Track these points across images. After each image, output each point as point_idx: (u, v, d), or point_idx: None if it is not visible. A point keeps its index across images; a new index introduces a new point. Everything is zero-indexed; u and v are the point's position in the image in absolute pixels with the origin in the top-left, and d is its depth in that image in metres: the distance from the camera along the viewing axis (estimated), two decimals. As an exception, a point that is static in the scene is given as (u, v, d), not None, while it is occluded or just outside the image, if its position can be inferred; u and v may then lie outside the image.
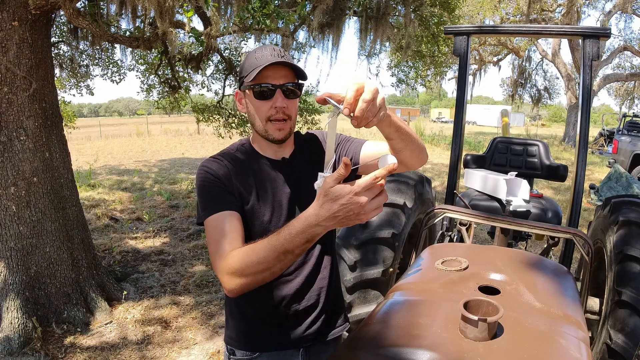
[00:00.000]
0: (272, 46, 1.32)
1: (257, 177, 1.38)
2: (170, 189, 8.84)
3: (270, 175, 1.39)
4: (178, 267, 4.79)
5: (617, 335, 1.90)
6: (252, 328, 1.43)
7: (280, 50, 1.31)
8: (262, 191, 1.37)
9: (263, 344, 1.42)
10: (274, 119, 1.31)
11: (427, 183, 3.21)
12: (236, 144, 1.47)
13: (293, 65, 1.29)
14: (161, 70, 7.22)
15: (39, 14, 3.26)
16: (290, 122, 1.34)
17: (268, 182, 1.38)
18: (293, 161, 1.44)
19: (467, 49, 2.97)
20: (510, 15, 18.06)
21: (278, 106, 1.29)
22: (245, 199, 1.34)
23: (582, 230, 2.21)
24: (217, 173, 1.33)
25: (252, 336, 1.43)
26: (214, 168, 1.34)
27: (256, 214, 1.35)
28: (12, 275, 3.30)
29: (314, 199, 0.99)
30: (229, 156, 1.39)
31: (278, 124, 1.31)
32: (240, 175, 1.36)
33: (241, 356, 1.43)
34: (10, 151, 3.24)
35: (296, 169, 1.43)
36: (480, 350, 1.05)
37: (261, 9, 4.54)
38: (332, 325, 1.52)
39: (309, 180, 1.29)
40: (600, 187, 8.03)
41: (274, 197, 1.38)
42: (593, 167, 12.98)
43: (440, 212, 2.42)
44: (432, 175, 10.68)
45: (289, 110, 1.31)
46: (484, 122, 47.95)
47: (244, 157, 1.41)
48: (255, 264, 1.06)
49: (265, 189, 1.37)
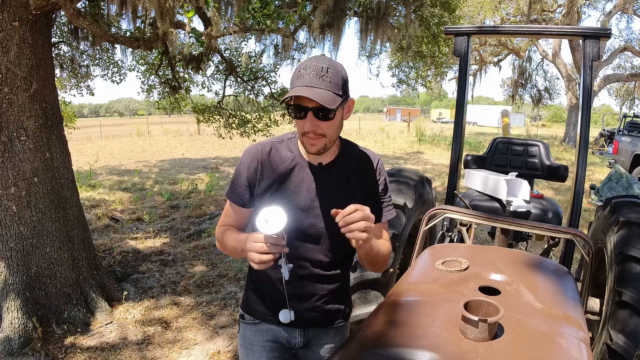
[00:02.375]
0: (318, 63, 1.34)
1: (288, 174, 1.49)
2: (170, 189, 8.85)
3: (301, 175, 1.49)
4: (178, 267, 4.79)
5: (617, 336, 1.90)
6: (258, 299, 1.60)
7: (321, 69, 1.33)
8: (286, 187, 1.49)
9: (265, 314, 1.58)
10: (308, 136, 1.39)
11: (428, 183, 3.21)
12: (286, 135, 1.58)
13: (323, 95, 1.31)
14: (162, 71, 7.22)
15: (39, 15, 3.27)
16: (325, 139, 1.40)
17: (295, 181, 1.49)
18: (327, 170, 1.51)
19: (467, 49, 2.97)
20: (510, 16, 18.06)
21: (307, 129, 1.36)
22: (268, 192, 1.49)
23: (583, 231, 2.21)
24: (248, 165, 1.51)
25: (257, 306, 1.61)
26: (249, 159, 1.51)
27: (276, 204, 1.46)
28: (13, 275, 3.30)
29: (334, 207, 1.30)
30: (274, 146, 1.53)
31: (311, 140, 1.39)
32: (272, 168, 1.49)
33: (247, 320, 1.64)
34: (10, 151, 3.24)
35: (328, 177, 1.51)
36: (481, 350, 1.05)
37: (262, 9, 4.54)
38: (332, 314, 1.60)
39: (334, 192, 1.50)
40: (600, 187, 8.02)
41: (296, 196, 1.48)
42: (593, 167, 12.98)
43: (440, 213, 2.42)
44: (433, 176, 10.67)
45: (322, 130, 1.37)
46: (484, 123, 47.93)
47: (285, 151, 1.52)
48: (224, 244, 1.54)
49: (290, 187, 1.49)
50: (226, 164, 13.02)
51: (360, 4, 5.87)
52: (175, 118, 33.00)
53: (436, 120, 54.91)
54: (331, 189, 1.49)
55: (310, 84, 1.31)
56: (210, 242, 5.54)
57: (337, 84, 1.35)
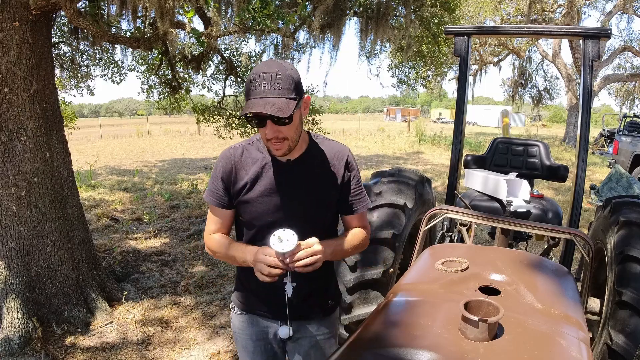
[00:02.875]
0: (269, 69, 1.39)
1: (260, 173, 1.56)
2: (170, 189, 8.85)
3: (272, 173, 1.56)
4: (178, 267, 4.80)
5: (617, 336, 1.89)
6: (245, 293, 1.69)
7: (270, 77, 1.37)
8: (259, 187, 1.56)
9: (252, 308, 1.68)
10: (271, 142, 1.45)
11: (428, 183, 3.21)
12: (256, 136, 1.65)
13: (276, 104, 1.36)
14: (162, 71, 7.22)
15: (39, 15, 3.27)
16: (288, 142, 1.46)
17: (268, 180, 1.55)
18: (297, 164, 1.57)
19: (467, 49, 2.97)
20: (510, 16, 18.06)
21: (268, 137, 1.43)
22: (243, 191, 1.56)
23: (583, 231, 2.21)
24: (223, 168, 1.58)
25: (244, 299, 1.70)
26: (223, 162, 1.59)
27: (252, 205, 1.57)
28: (13, 275, 3.30)
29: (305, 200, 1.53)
30: (245, 148, 1.61)
31: (275, 145, 1.45)
32: (245, 169, 1.57)
33: (238, 312, 1.73)
34: (10, 151, 3.24)
35: (298, 172, 1.57)
36: (481, 350, 1.05)
37: (262, 9, 4.54)
38: (316, 306, 1.67)
39: (306, 185, 1.56)
40: (600, 187, 8.02)
41: (269, 194, 1.55)
42: (593, 167, 12.97)
43: (440, 213, 2.42)
44: (433, 176, 10.68)
45: (283, 134, 1.43)
46: (484, 123, 47.92)
47: (256, 152, 1.59)
48: (218, 252, 1.61)
49: (264, 185, 1.56)
50: (226, 164, 12.98)
51: (360, 4, 5.87)
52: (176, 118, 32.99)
53: (436, 121, 54.89)
54: (302, 182, 1.56)
55: (262, 95, 1.36)
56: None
57: (289, 88, 1.39)
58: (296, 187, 1.56)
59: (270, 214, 1.55)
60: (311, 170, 1.58)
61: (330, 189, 1.60)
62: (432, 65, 10.01)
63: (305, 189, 1.56)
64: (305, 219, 1.55)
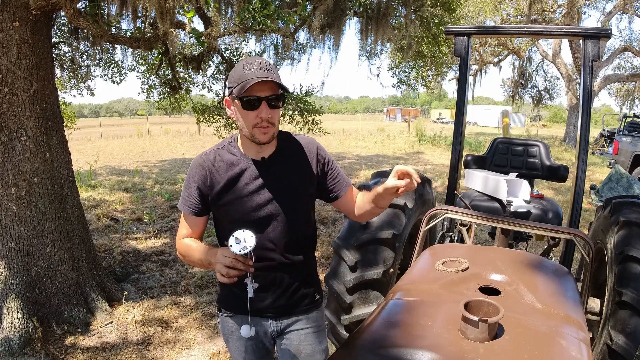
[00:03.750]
0: (258, 59, 1.47)
1: (236, 175, 1.57)
2: (170, 189, 8.85)
3: (248, 173, 1.58)
4: (178, 267, 4.79)
5: (617, 336, 1.89)
6: (228, 294, 1.70)
7: (266, 63, 1.46)
8: (238, 188, 1.57)
9: (236, 308, 1.68)
10: (260, 126, 1.48)
11: (428, 184, 3.21)
12: (226, 140, 1.68)
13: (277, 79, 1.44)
14: (162, 71, 7.22)
15: (39, 15, 3.27)
16: (274, 128, 1.51)
17: (245, 180, 1.57)
18: (272, 162, 1.60)
19: (467, 49, 2.97)
20: (510, 16, 18.05)
21: (263, 117, 1.46)
22: (221, 195, 1.57)
23: (583, 231, 2.21)
24: (197, 176, 1.59)
25: (228, 300, 1.72)
26: (196, 169, 1.60)
27: (231, 206, 1.58)
28: (13, 275, 3.30)
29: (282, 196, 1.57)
30: (217, 153, 1.62)
31: (264, 129, 1.48)
32: (220, 173, 1.57)
33: (225, 314, 1.75)
34: (11, 151, 3.24)
35: (273, 169, 1.60)
36: (481, 350, 1.05)
37: (262, 9, 4.54)
38: (300, 301, 1.69)
39: (282, 181, 1.59)
40: (600, 187, 8.02)
41: (248, 193, 1.57)
42: (594, 167, 12.97)
43: (440, 213, 2.42)
44: (433, 176, 10.68)
45: (273, 118, 1.49)
46: (484, 123, 47.92)
47: (228, 155, 1.61)
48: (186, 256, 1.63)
49: (242, 186, 1.58)
50: (226, 164, 12.99)
51: (360, 4, 5.87)
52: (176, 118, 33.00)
53: (436, 121, 54.87)
54: (279, 179, 1.59)
55: (262, 75, 1.40)
56: (211, 242, 5.53)
57: (279, 78, 1.46)
58: (274, 184, 1.58)
59: (250, 214, 1.57)
60: (286, 166, 1.61)
61: (307, 182, 1.65)
62: (432, 65, 10.01)
63: (283, 185, 1.59)
64: (286, 214, 1.59)
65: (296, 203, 1.62)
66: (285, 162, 1.62)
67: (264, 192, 1.57)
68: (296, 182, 1.62)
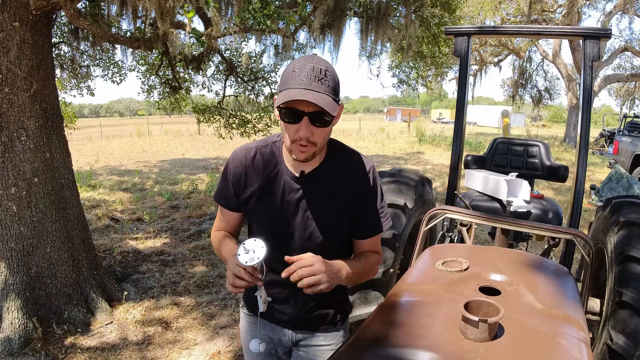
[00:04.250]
0: (313, 62, 1.24)
1: (270, 184, 1.44)
2: (170, 189, 8.85)
3: (283, 184, 1.42)
4: (178, 267, 4.80)
5: (617, 336, 1.89)
6: (250, 294, 1.56)
7: (319, 70, 1.22)
8: (267, 200, 1.44)
9: (254, 310, 1.55)
10: (299, 143, 1.28)
11: (428, 184, 3.21)
12: (272, 138, 1.50)
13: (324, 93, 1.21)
14: (162, 71, 7.22)
15: (39, 15, 3.27)
16: (315, 147, 1.30)
17: (277, 193, 1.43)
18: (310, 179, 1.42)
19: (467, 49, 2.97)
20: (510, 16, 18.05)
21: (301, 135, 1.26)
22: (251, 201, 1.46)
23: (583, 231, 2.21)
24: (234, 171, 1.48)
25: (250, 301, 1.63)
26: (234, 164, 1.48)
27: (257, 216, 1.47)
28: (13, 275, 3.30)
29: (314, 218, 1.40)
30: (259, 151, 1.47)
31: (302, 147, 1.29)
32: (256, 175, 1.45)
33: (246, 312, 1.69)
34: (11, 151, 3.24)
35: (311, 186, 1.42)
36: (481, 351, 1.05)
37: (262, 9, 4.54)
38: (318, 321, 1.58)
39: (318, 202, 1.41)
40: (600, 187, 8.02)
41: (277, 209, 1.43)
42: (594, 167, 12.97)
43: (440, 213, 2.42)
44: (433, 176, 10.67)
45: (314, 137, 1.28)
46: (484, 123, 47.95)
47: (269, 157, 1.45)
48: (216, 251, 1.58)
49: (272, 199, 1.43)
50: (226, 164, 12.99)
51: (360, 4, 5.87)
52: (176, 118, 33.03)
53: (436, 121, 54.89)
54: (315, 198, 1.42)
55: (309, 87, 1.20)
56: (211, 242, 5.54)
57: (335, 88, 1.25)
58: (309, 202, 1.42)
59: (276, 228, 1.44)
60: (324, 188, 1.42)
61: (344, 210, 1.43)
62: (432, 65, 10.01)
63: (318, 206, 1.42)
64: (314, 237, 1.43)
65: (326, 230, 1.43)
66: (326, 183, 1.42)
67: (292, 211, 1.42)
68: (332, 207, 1.42)
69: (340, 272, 1.37)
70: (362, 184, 1.44)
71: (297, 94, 1.19)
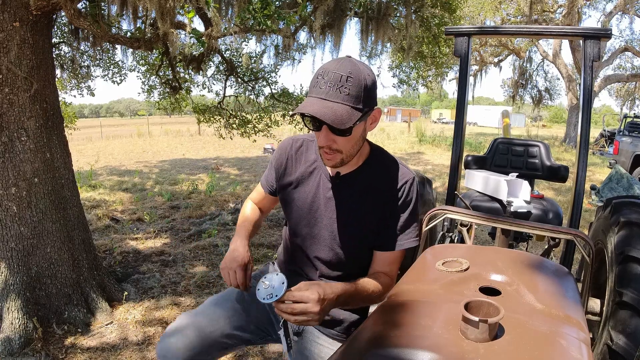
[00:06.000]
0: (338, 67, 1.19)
1: (305, 178, 1.46)
2: (171, 189, 8.85)
3: (318, 182, 1.44)
4: (179, 267, 4.79)
5: (618, 337, 1.89)
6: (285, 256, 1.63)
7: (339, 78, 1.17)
8: (300, 193, 1.47)
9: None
10: (324, 151, 1.28)
11: (428, 184, 3.21)
12: None
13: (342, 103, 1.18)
14: (162, 71, 7.22)
15: (40, 15, 3.27)
16: (341, 155, 1.28)
17: (310, 189, 1.45)
18: (345, 182, 1.40)
19: (468, 49, 2.97)
20: (511, 16, 18.05)
21: (321, 144, 1.26)
22: (286, 189, 1.50)
23: (583, 231, 2.20)
24: (280, 157, 1.52)
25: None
26: (280, 151, 1.53)
27: (289, 206, 1.51)
28: (13, 275, 3.30)
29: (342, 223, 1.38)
30: (306, 143, 1.51)
31: (327, 155, 1.28)
32: (295, 165, 1.49)
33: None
34: (11, 152, 3.24)
35: (345, 190, 1.40)
36: (481, 351, 1.05)
37: (262, 10, 4.55)
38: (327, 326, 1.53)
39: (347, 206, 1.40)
40: (601, 188, 8.02)
41: (308, 204, 1.45)
42: (594, 168, 12.97)
43: (441, 213, 2.42)
44: (433, 176, 10.67)
45: (337, 145, 1.26)
46: (484, 123, 47.96)
47: (311, 152, 1.48)
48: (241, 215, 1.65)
49: (304, 193, 1.46)
50: (227, 165, 13.02)
51: (360, 5, 5.87)
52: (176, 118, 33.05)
53: (437, 121, 54.89)
54: (344, 201, 1.41)
55: (325, 96, 1.18)
56: (211, 242, 5.54)
57: (357, 95, 1.20)
58: (334, 207, 1.40)
59: (303, 225, 1.45)
60: (356, 192, 1.39)
61: (371, 216, 1.38)
62: (432, 65, 10.01)
63: (343, 212, 1.39)
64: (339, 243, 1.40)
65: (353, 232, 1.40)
66: (360, 187, 1.39)
67: (322, 211, 1.41)
68: (363, 210, 1.38)
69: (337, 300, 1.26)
70: (395, 193, 1.39)
71: (307, 106, 1.18)
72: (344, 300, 1.29)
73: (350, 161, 1.33)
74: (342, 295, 1.27)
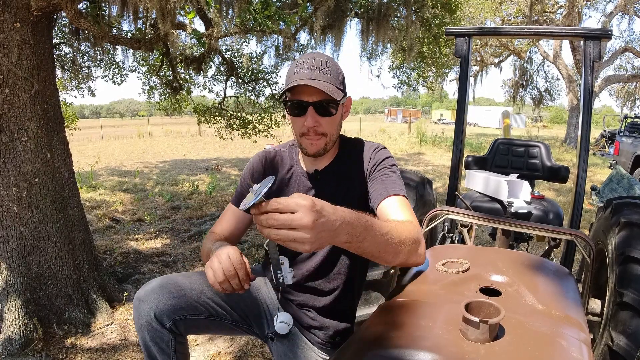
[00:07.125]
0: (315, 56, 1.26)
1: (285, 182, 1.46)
2: (171, 190, 8.85)
3: (298, 185, 1.44)
4: (179, 268, 4.79)
5: (618, 337, 1.89)
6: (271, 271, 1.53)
7: (320, 62, 1.25)
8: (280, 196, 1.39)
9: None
10: (307, 137, 1.30)
11: (429, 184, 3.21)
12: (293, 141, 1.50)
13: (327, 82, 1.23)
14: (162, 72, 7.22)
15: (40, 16, 3.27)
16: (325, 139, 1.31)
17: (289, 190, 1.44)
18: (324, 176, 1.42)
19: (468, 50, 2.97)
20: (511, 17, 18.05)
21: (308, 125, 1.27)
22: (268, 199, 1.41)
23: (584, 232, 2.20)
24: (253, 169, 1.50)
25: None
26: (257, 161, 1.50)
27: None
28: (14, 276, 3.30)
29: None
30: (279, 153, 1.50)
31: (311, 139, 1.30)
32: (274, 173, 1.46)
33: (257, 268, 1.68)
34: (11, 152, 3.24)
35: (325, 186, 1.42)
36: (482, 352, 1.05)
37: (263, 10, 4.55)
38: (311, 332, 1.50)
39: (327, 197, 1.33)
40: (601, 188, 8.01)
41: None
42: (594, 168, 12.96)
43: (441, 214, 2.42)
44: (434, 177, 10.67)
45: (322, 128, 1.29)
46: (485, 124, 47.96)
47: (287, 159, 1.49)
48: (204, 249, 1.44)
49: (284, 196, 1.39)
50: (227, 165, 13.02)
51: (361, 5, 5.87)
52: (176, 119, 33.07)
53: (437, 121, 54.91)
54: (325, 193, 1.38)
55: (310, 77, 1.23)
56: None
57: (338, 78, 1.28)
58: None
59: None
60: (338, 183, 1.41)
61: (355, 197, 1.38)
62: (433, 66, 10.02)
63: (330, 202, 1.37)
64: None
65: None
66: (339, 177, 1.41)
67: None
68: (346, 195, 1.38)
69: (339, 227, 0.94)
70: (368, 164, 1.41)
71: (300, 82, 1.22)
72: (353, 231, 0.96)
73: (331, 147, 1.37)
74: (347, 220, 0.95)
